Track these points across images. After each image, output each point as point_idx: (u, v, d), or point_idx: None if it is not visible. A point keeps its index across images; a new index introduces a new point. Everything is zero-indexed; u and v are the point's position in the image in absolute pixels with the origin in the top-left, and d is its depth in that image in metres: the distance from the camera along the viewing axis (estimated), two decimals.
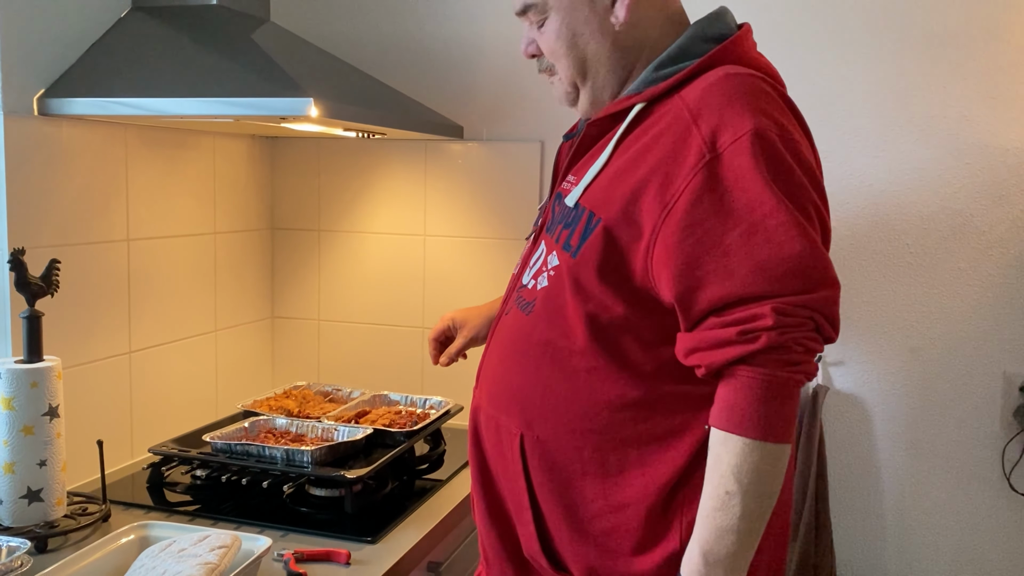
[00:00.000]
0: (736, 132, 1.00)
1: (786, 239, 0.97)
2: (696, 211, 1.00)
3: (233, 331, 2.21)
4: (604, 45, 1.15)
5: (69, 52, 1.65)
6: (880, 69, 1.92)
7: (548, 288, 1.14)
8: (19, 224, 1.57)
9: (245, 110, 1.47)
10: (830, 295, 0.99)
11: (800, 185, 1.01)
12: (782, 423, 0.98)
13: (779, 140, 1.01)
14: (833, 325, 1.01)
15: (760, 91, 1.04)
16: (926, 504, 1.98)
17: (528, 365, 1.16)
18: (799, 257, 0.97)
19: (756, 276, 0.97)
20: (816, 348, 1.00)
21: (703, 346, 1.01)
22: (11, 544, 1.32)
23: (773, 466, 0.98)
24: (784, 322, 0.96)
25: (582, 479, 1.12)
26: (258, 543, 1.33)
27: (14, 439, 1.44)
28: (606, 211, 1.07)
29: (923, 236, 1.93)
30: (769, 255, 0.97)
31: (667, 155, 1.03)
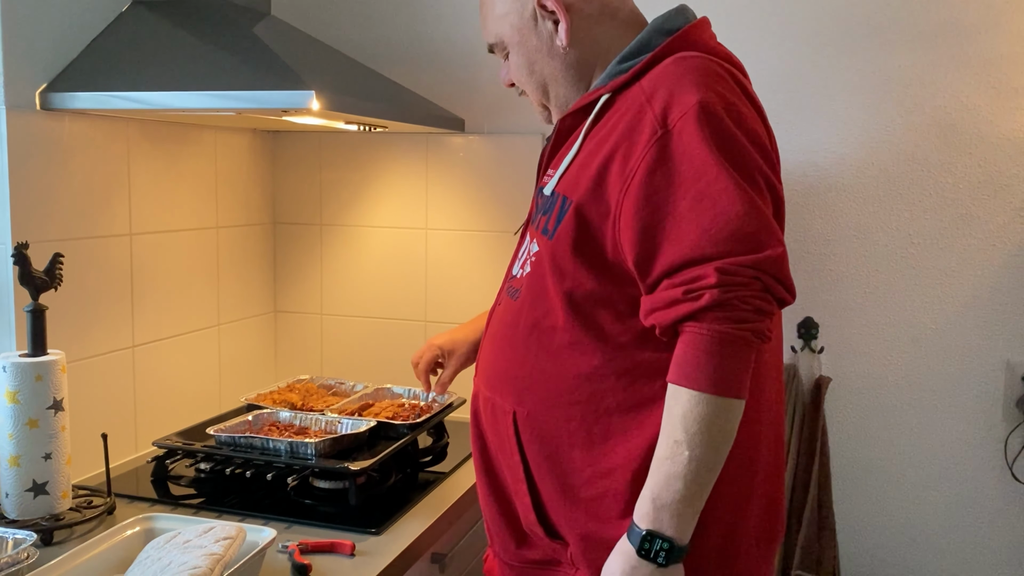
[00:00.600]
0: (683, 107, 1.07)
1: (728, 203, 1.03)
2: (650, 183, 1.07)
3: (236, 325, 2.22)
4: (556, 66, 1.28)
5: (71, 46, 1.66)
6: (879, 59, 1.92)
7: (531, 273, 1.23)
8: (22, 218, 1.57)
9: (247, 103, 1.47)
10: (775, 255, 1.03)
11: (745, 153, 1.07)
12: (729, 377, 1.02)
13: (724, 112, 1.07)
14: (784, 285, 1.05)
15: (707, 70, 1.12)
16: (928, 494, 1.98)
17: (517, 347, 1.23)
18: (741, 219, 1.02)
19: (701, 239, 1.03)
20: (766, 307, 1.04)
21: (657, 306, 1.07)
22: (17, 536, 1.32)
23: (721, 418, 1.03)
24: (727, 280, 1.01)
25: (570, 449, 1.18)
26: (263, 534, 1.33)
27: (19, 432, 1.45)
28: (577, 193, 1.15)
29: (924, 226, 1.93)
30: (713, 219, 1.03)
31: (625, 134, 1.12)
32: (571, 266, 1.15)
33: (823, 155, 1.98)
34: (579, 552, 1.19)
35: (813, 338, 2.01)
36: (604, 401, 1.15)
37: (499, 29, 1.30)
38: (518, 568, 1.29)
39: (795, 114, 1.98)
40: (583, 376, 1.16)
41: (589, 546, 1.17)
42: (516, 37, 1.28)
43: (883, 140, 1.94)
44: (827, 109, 1.96)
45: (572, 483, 1.18)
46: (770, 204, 1.09)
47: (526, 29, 1.27)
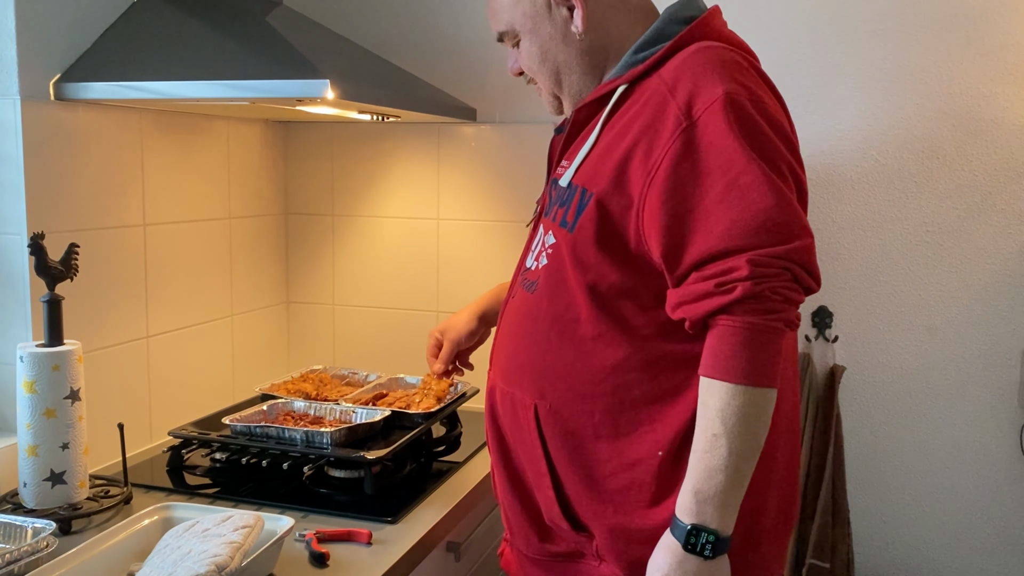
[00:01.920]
0: (709, 99, 1.07)
1: (758, 195, 1.03)
2: (676, 175, 1.07)
3: (248, 316, 2.22)
4: (571, 54, 1.26)
5: (84, 36, 1.66)
6: (894, 48, 1.91)
7: (548, 265, 1.21)
8: (38, 209, 1.58)
9: (262, 93, 1.47)
10: (804, 245, 1.03)
11: (771, 144, 1.07)
12: (763, 368, 1.03)
13: (750, 103, 1.07)
14: (812, 274, 1.06)
15: (730, 61, 1.11)
16: (942, 483, 1.98)
17: (537, 339, 1.22)
18: (771, 211, 1.02)
19: (731, 231, 1.03)
20: (795, 297, 1.04)
21: (686, 300, 1.06)
22: (36, 525, 1.33)
23: (757, 408, 1.04)
24: (759, 272, 1.01)
25: (595, 441, 1.18)
26: (280, 523, 1.33)
27: (37, 422, 1.45)
28: (597, 185, 1.14)
29: (940, 215, 1.92)
30: (743, 211, 1.03)
31: (648, 126, 1.11)
32: (594, 259, 1.15)
33: (837, 144, 1.97)
34: (605, 544, 1.18)
35: (827, 327, 2.00)
36: (630, 392, 1.15)
37: (510, 16, 1.29)
38: (541, 562, 1.29)
39: (809, 103, 1.97)
40: (608, 368, 1.16)
41: (616, 538, 1.17)
42: (529, 24, 1.27)
43: (898, 129, 1.93)
44: (841, 98, 1.95)
45: (597, 475, 1.18)
46: (795, 193, 1.09)
47: (539, 16, 1.26)
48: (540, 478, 1.23)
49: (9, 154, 1.55)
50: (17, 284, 1.58)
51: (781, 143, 1.08)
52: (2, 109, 1.54)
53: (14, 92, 1.54)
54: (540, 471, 1.23)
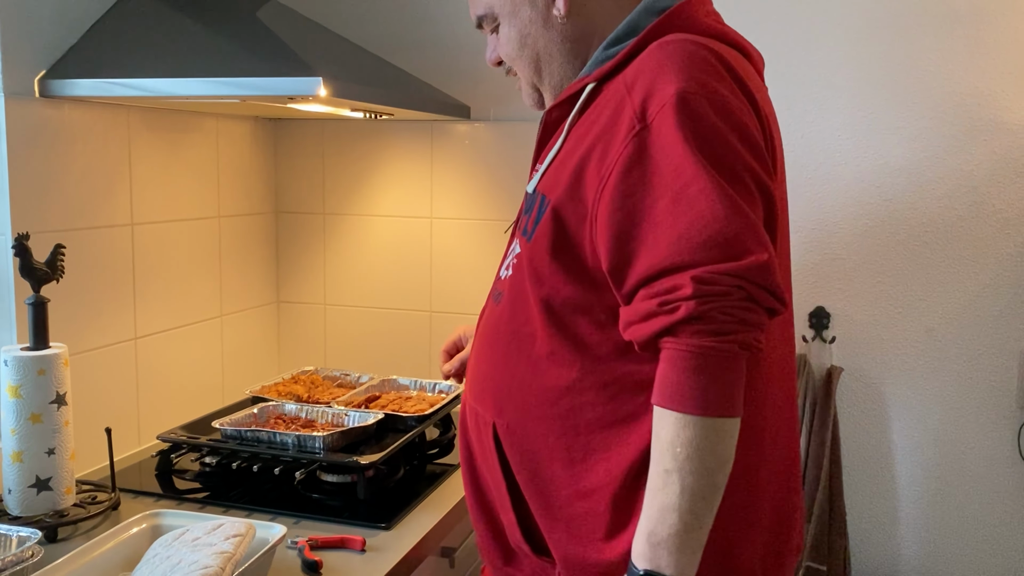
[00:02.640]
0: (662, 99, 0.98)
1: (707, 206, 0.94)
2: (626, 183, 0.99)
3: (238, 316, 2.19)
4: (552, 39, 1.17)
5: (70, 32, 1.62)
6: (895, 46, 1.89)
7: (512, 276, 1.15)
8: (22, 209, 1.54)
9: (253, 90, 1.44)
10: (758, 262, 0.93)
11: (730, 149, 0.97)
12: (716, 395, 0.93)
13: (707, 103, 0.97)
14: (772, 293, 0.95)
15: (691, 55, 1.01)
16: (940, 485, 1.96)
17: (498, 354, 1.15)
18: (720, 223, 0.93)
19: (677, 246, 0.94)
20: (751, 317, 0.94)
21: (633, 319, 0.98)
22: (21, 534, 1.30)
23: (712, 441, 0.93)
24: (705, 291, 0.92)
25: (551, 464, 1.10)
26: (272, 531, 1.31)
27: (22, 427, 1.42)
28: (555, 192, 1.07)
29: (940, 215, 1.90)
30: (689, 223, 0.94)
31: (605, 129, 1.03)
32: (548, 271, 1.07)
33: (835, 143, 1.95)
34: (564, 573, 1.10)
35: (825, 328, 1.98)
36: (583, 415, 1.07)
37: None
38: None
39: (807, 103, 1.95)
40: (561, 389, 1.08)
41: (571, 568, 1.09)
42: (508, 7, 1.19)
43: (897, 128, 1.91)
44: (839, 98, 1.93)
45: (553, 501, 1.10)
46: (760, 205, 0.99)
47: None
48: (503, 499, 1.16)
49: None
50: (1, 286, 1.54)
51: (744, 148, 0.98)
52: None
53: None
54: (502, 492, 1.15)
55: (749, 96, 1.03)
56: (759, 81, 1.13)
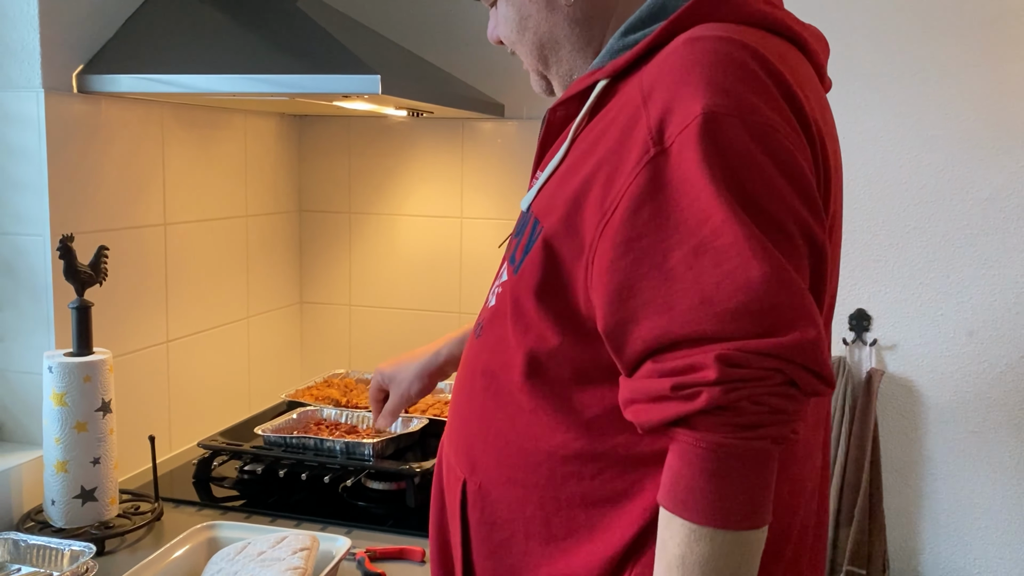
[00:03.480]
0: (685, 117, 0.77)
1: (738, 264, 0.73)
2: (634, 223, 0.77)
3: (263, 318, 2.14)
4: (558, 23, 0.97)
5: (106, 25, 1.56)
6: (938, 47, 1.88)
7: (495, 308, 0.95)
8: (61, 208, 1.48)
9: (310, 89, 1.39)
10: (805, 340, 0.73)
11: (770, 188, 0.76)
12: (740, 504, 0.75)
13: (743, 126, 0.76)
14: (819, 375, 0.75)
15: (727, 60, 0.79)
16: (979, 490, 1.96)
17: (474, 398, 0.97)
18: (756, 288, 0.73)
19: (699, 311, 0.74)
20: (789, 407, 0.75)
21: (638, 398, 0.79)
22: (74, 548, 1.25)
23: (733, 557, 0.75)
24: (733, 375, 0.73)
25: (525, 540, 0.92)
26: (337, 543, 1.27)
27: (67, 436, 1.37)
28: (549, 218, 0.87)
29: (983, 217, 1.89)
30: (716, 284, 0.73)
31: (613, 148, 0.82)
32: (534, 314, 0.88)
33: (878, 144, 1.93)
34: None
35: (865, 330, 1.97)
36: (566, 488, 0.88)
37: None
38: None
39: (844, 103, 1.93)
40: (543, 452, 0.89)
41: None
42: None
43: (940, 129, 1.89)
44: (883, 98, 1.91)
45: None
46: (807, 262, 0.78)
47: None
48: (458, 567, 0.98)
49: (31, 149, 1.46)
50: (39, 288, 1.49)
51: (790, 188, 0.77)
52: (24, 102, 1.45)
53: (37, 84, 1.44)
54: (459, 560, 0.98)
55: (799, 112, 0.81)
56: (816, 84, 0.92)
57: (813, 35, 0.95)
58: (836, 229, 0.92)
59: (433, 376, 1.38)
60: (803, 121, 0.80)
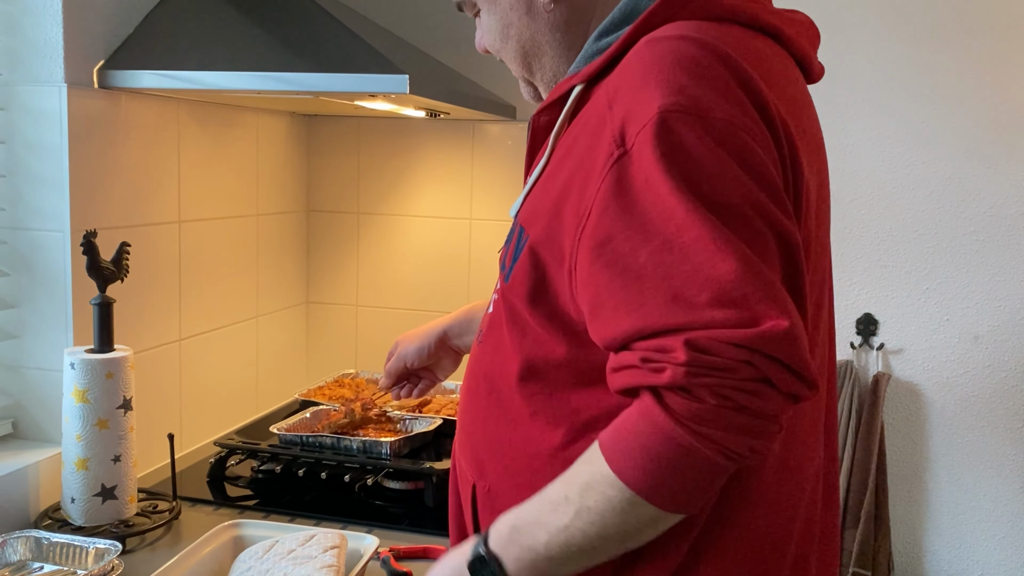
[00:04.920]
0: (643, 119, 0.77)
1: (706, 259, 0.73)
2: (604, 225, 0.79)
3: (271, 317, 2.13)
4: (539, 30, 0.98)
5: (127, 21, 1.55)
6: (944, 53, 1.90)
7: (493, 315, 0.97)
8: (81, 204, 1.47)
9: (337, 87, 1.39)
10: (777, 329, 0.71)
11: (730, 181, 0.76)
12: (668, 488, 0.75)
13: (699, 123, 0.77)
14: (798, 372, 0.73)
15: (684, 59, 0.79)
16: (984, 493, 1.98)
17: (479, 403, 0.98)
18: (725, 280, 0.73)
19: (670, 308, 0.74)
20: (761, 406, 0.73)
21: (613, 368, 0.80)
22: (99, 546, 1.25)
23: (628, 521, 0.77)
24: (700, 360, 0.72)
25: None
26: (365, 542, 1.27)
27: (88, 433, 1.36)
28: (534, 226, 0.88)
29: (990, 223, 1.92)
30: (685, 280, 0.74)
31: (586, 153, 0.84)
32: (529, 319, 0.89)
33: (884, 150, 1.96)
34: None
35: (872, 334, 1.99)
36: None
37: None
38: None
39: (857, 109, 1.96)
40: (545, 455, 0.89)
41: None
42: None
43: (947, 135, 1.92)
44: (888, 104, 1.94)
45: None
46: (775, 252, 0.77)
47: None
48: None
49: (52, 144, 1.45)
50: (57, 285, 1.48)
51: (751, 179, 0.77)
52: (47, 96, 1.44)
53: (59, 79, 1.43)
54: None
55: (763, 108, 0.81)
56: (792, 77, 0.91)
57: (796, 24, 0.95)
58: (823, 224, 0.91)
59: (432, 355, 1.42)
60: (767, 116, 0.81)
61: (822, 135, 0.99)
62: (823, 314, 0.95)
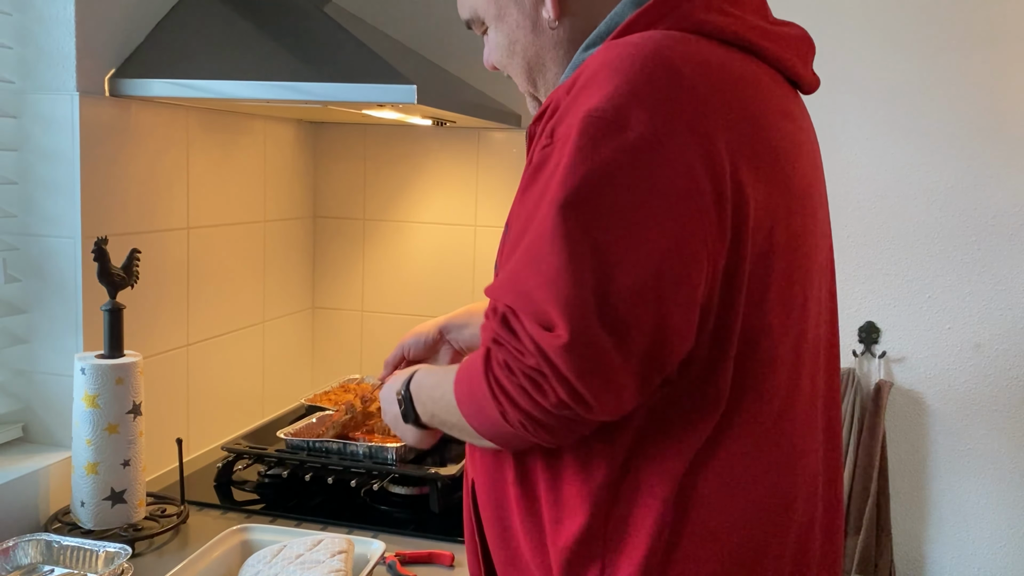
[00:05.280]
0: (574, 119, 0.81)
1: (546, 253, 0.79)
2: (515, 201, 0.89)
3: (277, 322, 2.14)
4: (544, 46, 1.02)
5: (139, 30, 1.57)
6: (945, 65, 1.92)
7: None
8: (92, 211, 1.49)
9: (345, 96, 1.40)
10: (561, 341, 0.77)
11: (618, 194, 0.79)
12: (479, 422, 0.89)
13: (617, 131, 0.80)
14: (571, 389, 0.79)
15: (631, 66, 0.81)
16: (986, 501, 1.99)
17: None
18: (547, 279, 0.79)
19: (508, 283, 0.83)
20: (529, 399, 0.82)
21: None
22: (109, 550, 1.26)
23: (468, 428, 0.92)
24: (502, 333, 0.82)
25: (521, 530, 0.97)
26: (372, 547, 1.28)
27: (98, 438, 1.37)
28: (511, 232, 0.93)
29: (992, 232, 1.93)
30: (522, 265, 0.81)
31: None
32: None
33: (886, 160, 1.97)
34: None
35: (874, 342, 2.01)
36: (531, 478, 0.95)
37: (474, 1, 1.07)
38: None
39: (858, 118, 1.97)
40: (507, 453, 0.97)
41: None
42: (493, 9, 1.04)
43: (949, 145, 1.94)
44: (890, 114, 1.95)
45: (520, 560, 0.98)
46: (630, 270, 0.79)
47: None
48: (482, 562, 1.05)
49: (64, 152, 1.46)
50: (68, 291, 1.49)
51: (648, 195, 0.79)
52: (59, 104, 1.45)
53: (72, 87, 1.45)
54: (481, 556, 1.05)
55: (696, 122, 0.81)
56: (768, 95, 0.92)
57: (783, 38, 0.96)
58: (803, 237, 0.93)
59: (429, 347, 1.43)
60: (699, 130, 0.81)
61: (812, 145, 1.00)
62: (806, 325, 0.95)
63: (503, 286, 0.84)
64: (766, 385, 0.89)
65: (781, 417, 0.92)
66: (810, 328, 0.96)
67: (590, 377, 0.78)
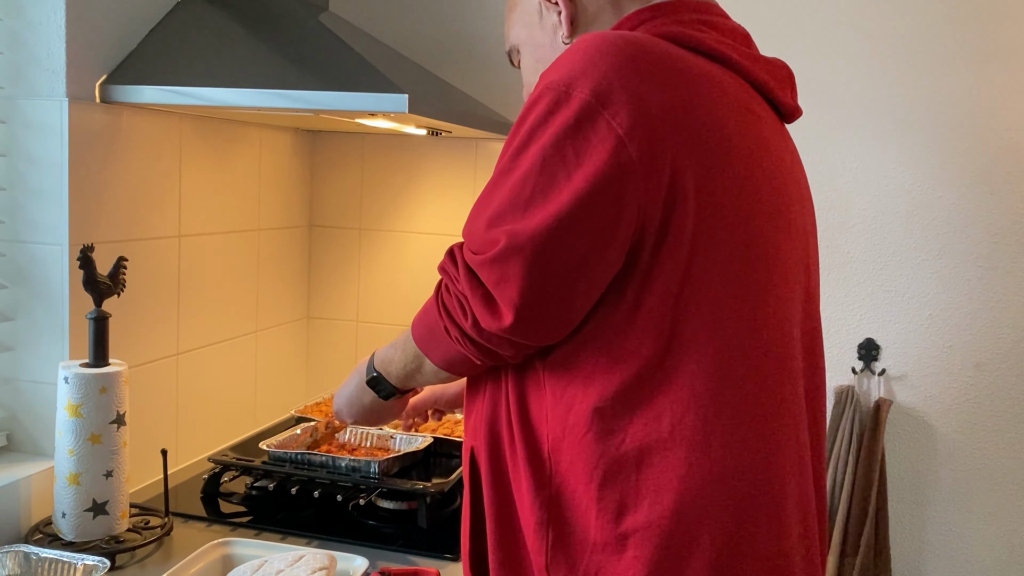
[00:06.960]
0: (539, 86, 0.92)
1: (499, 204, 0.93)
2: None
3: (271, 332, 2.13)
4: None
5: (130, 36, 1.56)
6: (946, 82, 1.90)
7: None
8: (79, 218, 1.48)
9: (337, 105, 1.39)
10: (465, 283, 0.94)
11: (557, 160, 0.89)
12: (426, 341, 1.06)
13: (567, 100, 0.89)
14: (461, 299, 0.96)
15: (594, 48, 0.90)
16: (986, 522, 1.96)
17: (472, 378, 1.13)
18: (484, 221, 0.94)
19: (472, 222, 0.98)
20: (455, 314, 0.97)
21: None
22: (87, 562, 1.24)
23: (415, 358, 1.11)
24: (444, 263, 0.99)
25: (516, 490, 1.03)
26: (355, 563, 1.26)
27: (81, 448, 1.35)
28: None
29: (993, 250, 1.91)
30: (483, 207, 0.96)
31: None
32: None
33: (887, 177, 1.95)
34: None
35: (874, 359, 1.98)
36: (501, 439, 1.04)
37: (515, 32, 1.17)
38: None
39: (857, 135, 1.95)
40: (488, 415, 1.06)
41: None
42: (524, 35, 1.14)
43: (951, 163, 1.91)
44: (890, 131, 1.93)
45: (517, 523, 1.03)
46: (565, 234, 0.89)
47: (533, 24, 1.13)
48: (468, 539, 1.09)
49: (52, 158, 1.45)
50: (54, 298, 1.48)
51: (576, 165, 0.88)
52: (48, 110, 1.44)
53: (61, 93, 1.44)
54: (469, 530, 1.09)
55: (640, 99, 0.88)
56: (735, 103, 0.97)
57: (761, 63, 1.05)
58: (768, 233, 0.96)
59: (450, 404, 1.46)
60: (641, 107, 0.88)
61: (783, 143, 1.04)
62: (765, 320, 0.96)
63: (466, 224, 0.99)
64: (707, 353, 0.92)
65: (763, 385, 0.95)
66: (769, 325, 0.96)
67: (481, 300, 0.93)
